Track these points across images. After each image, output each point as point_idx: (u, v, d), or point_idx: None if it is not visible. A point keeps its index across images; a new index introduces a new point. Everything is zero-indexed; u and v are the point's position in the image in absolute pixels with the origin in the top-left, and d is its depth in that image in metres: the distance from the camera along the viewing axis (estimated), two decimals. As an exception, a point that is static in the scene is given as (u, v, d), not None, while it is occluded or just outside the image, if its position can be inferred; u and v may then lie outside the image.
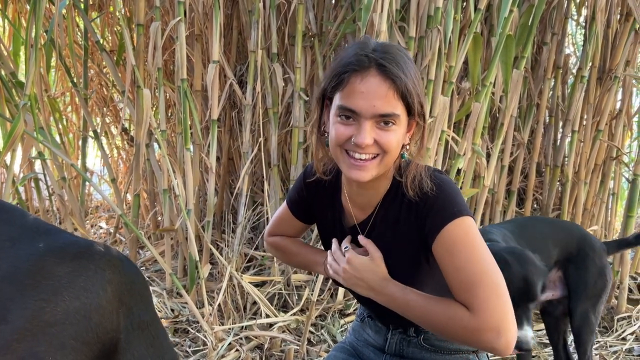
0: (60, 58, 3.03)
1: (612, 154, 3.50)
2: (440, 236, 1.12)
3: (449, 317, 1.10)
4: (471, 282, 1.08)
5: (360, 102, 1.09)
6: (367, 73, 1.08)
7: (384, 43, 1.15)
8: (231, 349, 2.32)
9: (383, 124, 1.11)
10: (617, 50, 3.27)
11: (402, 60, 1.11)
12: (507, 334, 1.05)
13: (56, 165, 3.01)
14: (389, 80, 1.08)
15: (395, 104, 1.09)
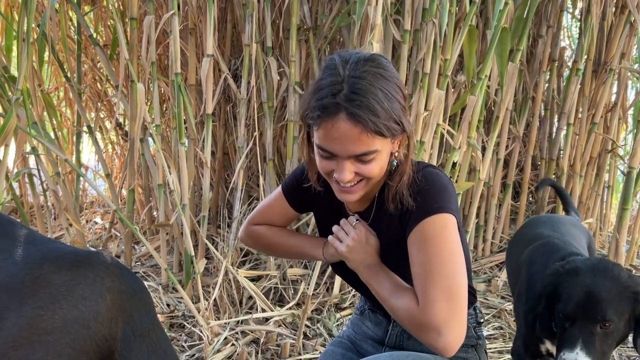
0: (53, 52, 3.00)
1: (608, 147, 3.51)
2: (416, 229, 1.17)
3: (402, 305, 1.16)
4: (427, 279, 1.12)
5: (335, 146, 1.11)
6: (337, 119, 1.08)
7: (357, 65, 1.11)
8: (227, 343, 2.31)
9: (362, 159, 1.13)
10: (612, 42, 3.27)
11: (373, 93, 1.08)
12: (447, 337, 1.09)
13: (50, 160, 2.99)
14: (359, 124, 1.07)
15: (371, 142, 1.10)
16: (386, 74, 1.12)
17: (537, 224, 1.97)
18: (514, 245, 1.97)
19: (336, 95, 1.08)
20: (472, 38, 2.64)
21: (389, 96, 1.10)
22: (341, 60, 1.13)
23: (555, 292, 1.40)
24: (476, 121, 2.76)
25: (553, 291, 1.41)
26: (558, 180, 3.48)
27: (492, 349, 2.49)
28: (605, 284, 1.33)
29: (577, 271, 1.38)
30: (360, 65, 1.11)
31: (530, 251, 1.70)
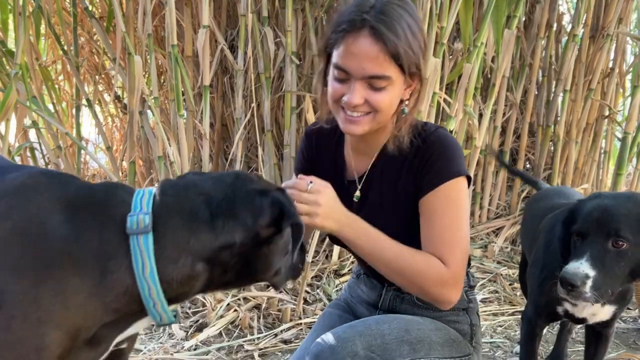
0: (50, 26, 3.00)
1: (604, 113, 3.53)
2: (436, 192, 1.21)
3: (428, 266, 1.19)
4: (453, 242, 1.20)
5: (351, 62, 1.13)
6: (359, 34, 1.11)
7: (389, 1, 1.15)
8: (230, 309, 2.39)
9: (374, 84, 1.14)
10: (610, 7, 3.25)
11: (399, 20, 1.12)
12: (460, 288, 1.24)
13: (51, 134, 3.03)
14: (380, 42, 1.10)
15: (387, 66, 1.13)
16: (411, 10, 1.17)
17: (554, 194, 1.98)
18: (532, 216, 1.93)
19: (363, 12, 1.12)
20: (468, 5, 2.63)
21: (413, 31, 1.14)
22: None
23: (573, 217, 1.35)
24: (472, 89, 2.77)
25: (570, 217, 1.36)
26: (554, 146, 3.51)
27: (487, 312, 2.57)
28: (626, 204, 1.27)
29: (599, 195, 1.35)
30: (384, 4, 1.14)
31: (551, 218, 1.66)
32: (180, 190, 0.97)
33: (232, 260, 0.96)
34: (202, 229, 0.93)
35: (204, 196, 0.96)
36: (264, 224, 0.96)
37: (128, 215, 0.90)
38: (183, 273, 0.92)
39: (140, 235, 0.88)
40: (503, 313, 2.56)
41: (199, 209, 0.94)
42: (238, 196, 0.97)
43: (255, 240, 0.96)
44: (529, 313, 1.62)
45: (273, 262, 1.01)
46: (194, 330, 2.28)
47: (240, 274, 0.99)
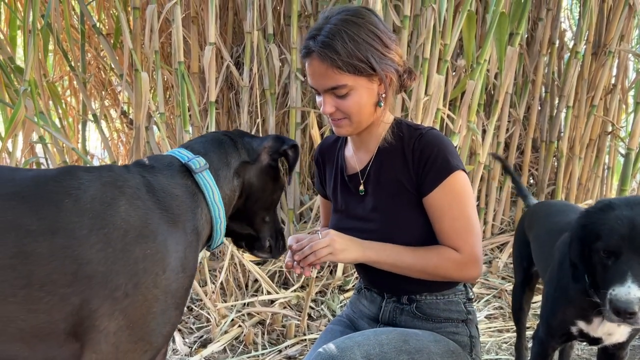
0: (58, 42, 3.04)
1: (607, 129, 3.54)
2: (440, 188, 1.30)
3: (442, 259, 1.31)
4: (464, 231, 1.31)
5: (313, 81, 1.32)
6: (311, 58, 1.29)
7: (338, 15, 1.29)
8: (234, 325, 2.38)
9: (337, 93, 1.30)
10: (611, 24, 3.28)
11: (340, 35, 1.26)
12: (481, 263, 1.34)
13: (57, 149, 3.05)
14: (326, 61, 1.26)
15: (338, 77, 1.27)
16: (360, 21, 1.29)
17: (567, 209, 1.92)
18: (545, 232, 1.87)
19: (312, 39, 1.29)
20: (471, 23, 2.66)
21: (354, 39, 1.27)
22: (330, 10, 1.33)
23: (590, 232, 1.28)
24: (476, 105, 2.79)
25: (586, 233, 1.30)
26: (558, 162, 3.52)
27: (492, 328, 2.56)
28: None
29: (612, 206, 1.27)
30: (340, 15, 1.30)
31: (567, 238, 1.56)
32: (202, 137, 1.26)
33: (246, 176, 1.24)
34: (231, 150, 1.23)
35: (221, 134, 1.26)
36: (267, 146, 1.27)
37: (187, 161, 1.13)
38: (230, 186, 1.20)
39: (203, 171, 1.14)
40: (508, 329, 2.55)
41: (224, 139, 1.24)
42: (246, 135, 1.30)
43: (259, 164, 1.26)
44: (541, 334, 1.57)
45: (266, 193, 1.29)
46: (198, 346, 2.28)
47: (247, 200, 1.26)
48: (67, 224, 0.92)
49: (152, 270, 0.96)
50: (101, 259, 0.92)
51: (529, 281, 2.08)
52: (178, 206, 1.06)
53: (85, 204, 0.95)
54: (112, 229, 0.94)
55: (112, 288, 0.92)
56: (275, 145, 1.29)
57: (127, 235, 0.95)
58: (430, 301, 1.40)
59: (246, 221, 1.31)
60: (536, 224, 1.98)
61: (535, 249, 1.95)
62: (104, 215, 0.95)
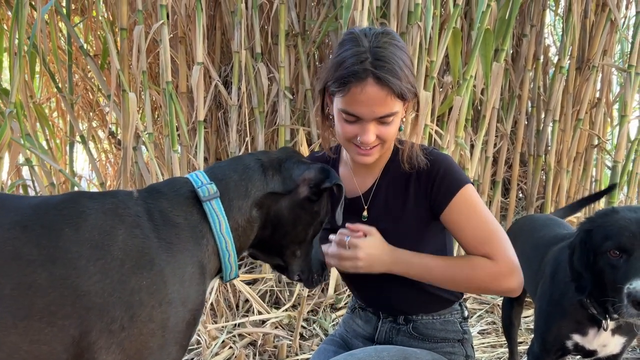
0: (44, 64, 3.03)
1: (593, 142, 3.58)
2: (453, 203, 1.28)
3: (474, 267, 1.26)
4: (489, 237, 1.27)
5: (362, 109, 1.22)
6: (365, 83, 1.19)
7: (377, 38, 1.23)
8: (225, 346, 2.35)
9: (384, 121, 1.24)
10: (594, 40, 3.34)
11: (396, 60, 1.21)
12: (520, 274, 1.26)
13: (44, 171, 3.02)
14: (386, 87, 1.19)
15: (393, 104, 1.22)
16: (400, 44, 1.26)
17: (551, 224, 1.93)
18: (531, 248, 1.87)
19: (363, 62, 1.20)
20: (457, 40, 2.69)
21: (406, 64, 1.24)
22: (360, 33, 1.24)
23: (596, 236, 1.31)
24: (463, 121, 2.81)
25: (591, 237, 1.33)
26: (546, 176, 3.55)
27: (485, 344, 2.54)
28: None
29: (615, 210, 1.32)
30: (379, 37, 1.23)
31: (556, 252, 1.63)
32: (231, 160, 1.17)
33: (272, 208, 1.13)
34: (256, 177, 1.12)
35: (255, 157, 1.16)
36: (307, 178, 1.14)
37: (197, 188, 1.06)
38: (245, 217, 1.10)
39: (212, 200, 1.06)
40: (501, 344, 2.53)
41: (252, 164, 1.14)
42: (289, 159, 1.17)
43: (293, 196, 1.14)
44: (536, 350, 1.56)
45: (298, 228, 1.18)
46: (188, 369, 2.24)
47: (274, 232, 1.16)
48: (67, 253, 0.90)
49: (148, 302, 0.93)
50: (99, 291, 0.90)
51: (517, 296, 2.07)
52: (178, 235, 1.01)
53: (84, 233, 0.93)
54: (110, 260, 0.92)
55: (108, 321, 0.90)
56: (318, 178, 1.15)
57: (124, 265, 0.93)
58: (426, 321, 1.39)
59: (274, 252, 1.22)
60: (521, 239, 1.98)
61: (522, 265, 1.93)
62: (102, 245, 0.93)
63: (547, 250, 1.69)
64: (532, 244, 1.87)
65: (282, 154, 1.20)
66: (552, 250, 1.67)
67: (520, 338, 2.57)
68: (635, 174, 3.39)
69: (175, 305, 0.97)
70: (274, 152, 1.20)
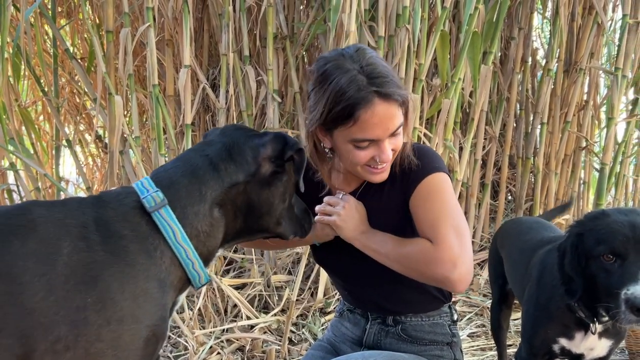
0: (29, 67, 2.99)
1: (581, 144, 3.60)
2: (419, 187, 1.25)
3: (413, 245, 1.22)
4: (436, 220, 1.21)
5: (376, 131, 1.18)
6: (374, 105, 1.16)
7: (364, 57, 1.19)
8: (212, 352, 2.32)
9: (395, 133, 1.21)
10: (581, 43, 3.36)
11: (386, 69, 1.19)
12: (462, 267, 1.16)
13: (29, 176, 2.98)
14: (391, 100, 1.17)
15: (400, 114, 1.21)
16: (378, 54, 1.25)
17: (537, 226, 1.92)
18: (518, 251, 1.85)
19: (363, 87, 1.15)
20: (445, 42, 2.70)
21: (394, 71, 1.23)
22: (339, 58, 1.20)
23: (588, 239, 1.29)
24: (452, 124, 2.81)
25: (583, 240, 1.30)
26: (535, 178, 3.56)
27: (475, 347, 2.54)
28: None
29: (606, 213, 1.29)
30: (360, 55, 1.20)
31: (543, 255, 1.61)
32: (175, 161, 1.09)
33: (239, 199, 1.07)
34: (208, 177, 1.04)
35: (200, 153, 1.07)
36: (266, 155, 1.08)
37: (141, 198, 0.99)
38: (206, 222, 1.04)
39: (160, 209, 0.99)
40: (491, 347, 2.53)
41: (199, 163, 1.05)
42: (236, 142, 1.09)
43: (258, 178, 1.08)
44: (524, 354, 1.55)
45: (274, 204, 1.12)
46: (175, 375, 2.21)
47: (247, 218, 1.10)
48: (12, 268, 0.85)
49: (94, 321, 0.88)
50: (43, 309, 0.85)
51: (505, 299, 2.07)
52: (126, 248, 0.93)
53: (31, 245, 0.88)
54: (54, 275, 0.87)
55: (53, 340, 0.85)
56: (276, 150, 1.09)
57: (69, 281, 0.87)
58: (415, 323, 1.38)
59: (255, 233, 1.17)
60: (507, 242, 1.98)
61: (509, 269, 1.94)
62: (48, 259, 0.87)
63: (534, 254, 1.68)
64: (519, 248, 1.85)
65: (227, 137, 1.11)
66: (538, 253, 1.66)
67: (510, 341, 2.57)
68: (623, 176, 3.41)
69: (128, 323, 0.91)
70: (217, 140, 1.11)
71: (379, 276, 1.31)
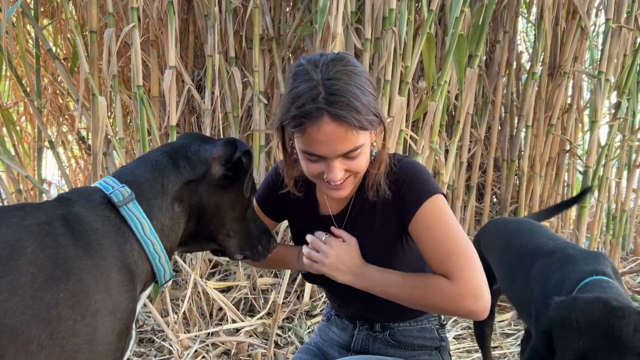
0: (11, 67, 2.94)
1: (565, 147, 3.63)
2: (419, 213, 1.20)
3: (428, 286, 1.17)
4: (449, 254, 1.16)
5: (323, 148, 1.13)
6: (322, 123, 1.10)
7: (329, 67, 1.13)
8: (198, 356, 2.30)
9: (350, 155, 1.16)
10: (565, 46, 3.39)
11: (351, 92, 1.11)
12: (484, 298, 1.14)
13: (11, 177, 2.93)
14: (344, 124, 1.10)
15: (356, 138, 1.13)
16: (356, 70, 1.16)
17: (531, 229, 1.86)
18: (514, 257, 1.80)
19: (316, 100, 1.09)
20: (431, 45, 2.70)
21: (364, 91, 1.14)
22: (310, 64, 1.14)
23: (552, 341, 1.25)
24: (438, 126, 2.82)
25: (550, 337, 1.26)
26: (519, 180, 3.58)
27: (460, 349, 2.54)
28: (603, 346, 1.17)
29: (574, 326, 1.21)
30: (330, 66, 1.13)
31: (544, 268, 1.57)
32: (136, 161, 1.12)
33: (193, 199, 1.10)
34: (169, 171, 1.08)
35: (160, 151, 1.11)
36: (216, 156, 1.11)
37: (108, 193, 1.01)
38: (168, 215, 1.06)
39: (128, 203, 1.01)
40: (477, 349, 2.54)
41: (160, 158, 1.09)
42: (193, 143, 1.13)
43: (209, 178, 1.10)
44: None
45: (223, 210, 1.14)
46: (160, 380, 2.18)
47: (199, 222, 1.12)
48: None
49: (68, 316, 0.86)
50: (7, 311, 0.83)
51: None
52: (98, 241, 0.94)
53: None
54: (18, 275, 0.85)
55: (23, 342, 0.83)
56: (226, 152, 1.11)
57: (36, 279, 0.86)
58: (403, 328, 1.37)
59: (205, 240, 1.17)
60: (497, 245, 1.93)
61: (503, 275, 1.87)
62: (9, 260, 0.86)
63: (533, 263, 1.63)
64: (515, 254, 1.79)
65: (186, 139, 1.15)
66: (539, 264, 1.61)
67: (495, 343, 2.58)
68: (606, 178, 3.44)
69: (102, 316, 0.90)
70: (176, 141, 1.16)
71: (367, 293, 1.28)
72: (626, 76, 3.24)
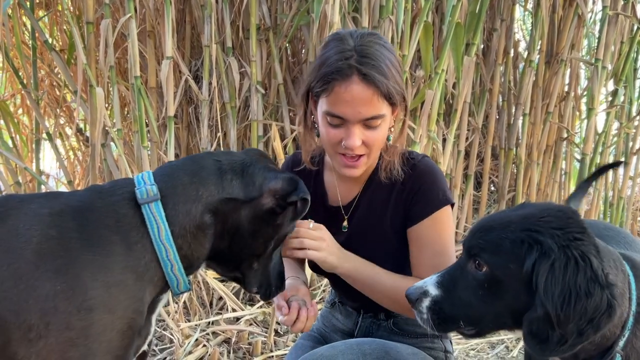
0: (8, 59, 2.93)
1: (563, 135, 3.64)
2: (427, 221, 1.24)
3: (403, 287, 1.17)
4: (445, 261, 1.22)
5: (346, 109, 1.15)
6: (350, 81, 1.13)
7: (363, 37, 1.17)
8: (198, 344, 2.32)
9: (370, 124, 1.18)
10: (562, 34, 3.39)
11: (383, 59, 1.15)
12: None
13: (9, 169, 2.93)
14: (372, 86, 1.13)
15: (380, 106, 1.16)
16: (388, 45, 1.21)
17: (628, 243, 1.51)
18: None
19: (349, 59, 1.13)
20: (428, 34, 2.70)
21: (394, 64, 1.18)
22: (346, 33, 1.19)
23: None
24: (435, 115, 2.82)
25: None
26: (517, 168, 3.59)
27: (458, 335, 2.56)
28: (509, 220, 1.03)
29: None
30: (365, 37, 1.17)
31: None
32: (185, 159, 1.08)
33: (230, 218, 1.03)
34: (211, 180, 1.02)
35: (214, 157, 1.06)
36: (273, 189, 1.04)
37: (136, 189, 0.98)
38: (194, 223, 1.00)
39: (151, 203, 0.97)
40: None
41: (208, 165, 1.04)
42: (255, 164, 1.07)
43: (255, 205, 1.04)
44: None
45: (258, 241, 1.08)
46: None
47: (232, 244, 1.06)
48: None
49: (64, 309, 0.87)
50: (13, 297, 0.85)
51: None
52: (105, 238, 0.92)
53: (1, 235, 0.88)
54: (23, 263, 0.87)
55: (25, 329, 0.85)
56: (285, 190, 1.05)
57: (38, 269, 0.87)
58: (407, 317, 1.39)
59: (231, 264, 1.13)
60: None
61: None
62: (16, 248, 0.87)
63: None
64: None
65: (248, 156, 1.09)
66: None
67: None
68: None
69: (99, 312, 0.89)
70: (238, 154, 1.11)
71: None
72: (623, 63, 3.24)
